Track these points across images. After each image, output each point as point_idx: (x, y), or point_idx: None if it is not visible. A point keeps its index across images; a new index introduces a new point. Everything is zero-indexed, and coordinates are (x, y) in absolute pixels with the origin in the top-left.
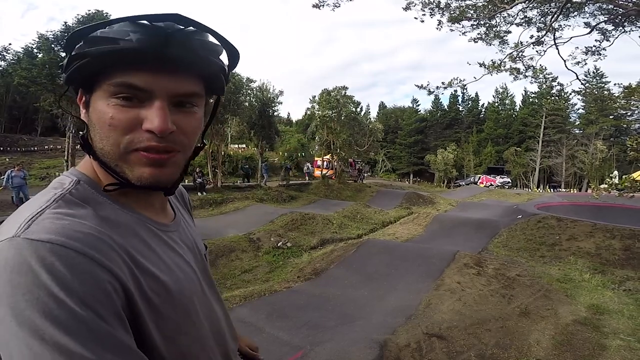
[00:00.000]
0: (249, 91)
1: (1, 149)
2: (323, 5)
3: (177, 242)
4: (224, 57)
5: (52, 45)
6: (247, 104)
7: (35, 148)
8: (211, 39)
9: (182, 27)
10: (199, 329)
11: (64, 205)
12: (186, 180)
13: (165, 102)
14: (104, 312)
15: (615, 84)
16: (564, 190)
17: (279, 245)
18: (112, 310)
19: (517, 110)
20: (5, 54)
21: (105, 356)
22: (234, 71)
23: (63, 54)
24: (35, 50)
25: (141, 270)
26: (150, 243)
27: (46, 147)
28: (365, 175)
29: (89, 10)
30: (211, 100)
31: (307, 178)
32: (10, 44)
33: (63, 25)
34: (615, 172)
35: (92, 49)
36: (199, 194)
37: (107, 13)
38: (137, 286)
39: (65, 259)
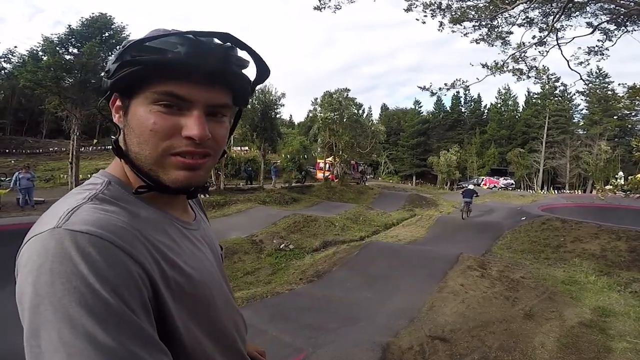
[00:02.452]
0: None
1: (7, 151)
2: (324, 8)
3: (198, 239)
4: (250, 71)
5: (57, 48)
6: (249, 106)
7: (41, 150)
8: (242, 54)
9: (221, 42)
10: (218, 321)
11: (98, 202)
12: None
13: (202, 111)
14: (133, 303)
15: (619, 84)
16: (568, 191)
17: (281, 247)
18: (140, 302)
19: (520, 111)
20: (10, 56)
21: (131, 347)
22: None
23: (110, 62)
24: (40, 53)
25: (168, 263)
26: (176, 238)
27: (51, 149)
28: (368, 177)
29: (93, 13)
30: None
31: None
32: (15, 47)
33: (67, 28)
34: (621, 173)
35: (144, 57)
36: (202, 196)
37: (110, 16)
38: (163, 278)
39: (101, 249)
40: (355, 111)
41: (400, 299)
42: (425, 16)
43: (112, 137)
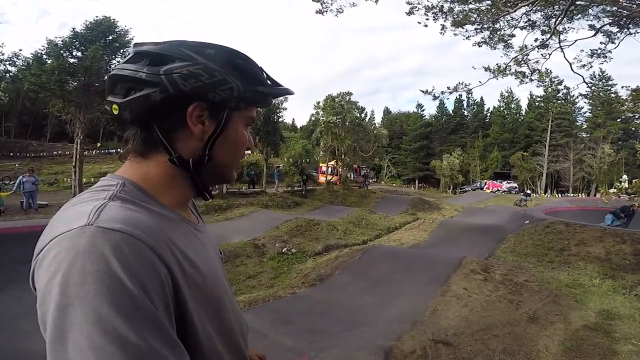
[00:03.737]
0: None
1: (11, 154)
2: (326, 11)
3: (206, 241)
4: None
5: (61, 52)
6: None
7: (44, 154)
8: None
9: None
10: (227, 322)
11: (119, 201)
12: None
13: None
14: (160, 304)
15: (622, 87)
16: (572, 195)
17: (283, 251)
18: (164, 302)
19: (523, 114)
20: (15, 59)
21: (160, 350)
22: None
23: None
24: (44, 57)
25: (187, 261)
26: (191, 239)
27: (55, 152)
28: (371, 181)
29: (97, 17)
30: None
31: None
32: (20, 50)
33: (71, 31)
34: (625, 176)
35: (272, 90)
36: (205, 199)
37: (114, 19)
38: (184, 278)
39: (134, 248)
40: (358, 115)
41: (403, 302)
42: (427, 19)
43: (164, 140)
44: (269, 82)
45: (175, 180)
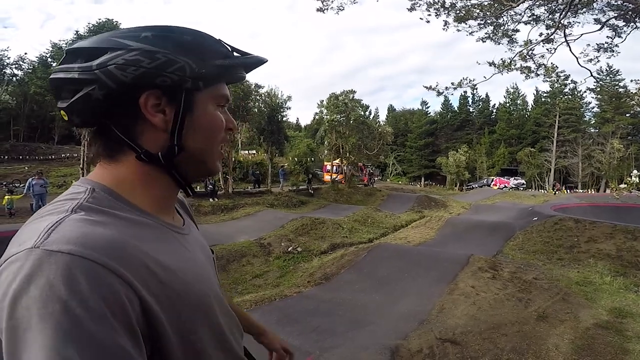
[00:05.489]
0: (258, 97)
1: (20, 157)
2: (327, 9)
3: (191, 244)
4: None
5: None
6: (256, 110)
7: (53, 156)
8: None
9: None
10: (217, 327)
11: (83, 212)
12: (197, 187)
13: None
14: (118, 326)
15: (631, 80)
16: (581, 191)
17: (289, 250)
18: (126, 324)
19: (530, 110)
20: (21, 63)
21: None
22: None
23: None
24: (49, 60)
25: (167, 273)
26: (169, 245)
27: (63, 155)
28: (376, 179)
29: (100, 19)
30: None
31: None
32: (25, 54)
33: (75, 34)
34: (635, 172)
35: (239, 60)
36: (211, 200)
37: (117, 22)
38: (159, 293)
39: (84, 271)
40: (362, 113)
41: (410, 301)
42: (429, 15)
43: (124, 138)
44: (232, 54)
45: (150, 179)
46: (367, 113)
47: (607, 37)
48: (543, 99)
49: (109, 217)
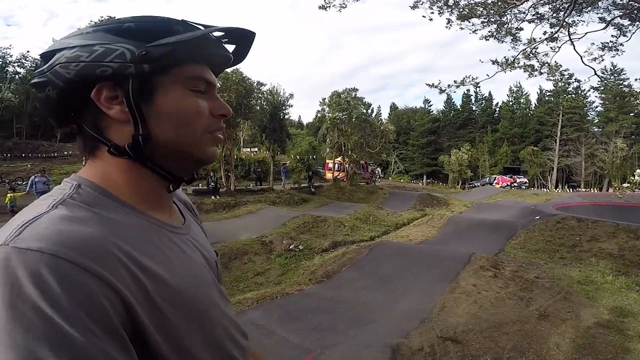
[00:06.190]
0: (260, 95)
1: (23, 155)
2: (329, 7)
3: (189, 244)
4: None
5: None
6: (258, 107)
7: (55, 154)
8: None
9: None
10: (211, 333)
11: (64, 209)
12: (200, 184)
13: None
14: (95, 328)
15: (636, 79)
16: (584, 190)
17: (291, 247)
18: (105, 326)
19: (533, 108)
20: (23, 61)
21: None
22: (245, 75)
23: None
24: None
25: (149, 276)
26: (161, 246)
27: (65, 152)
28: (380, 178)
29: (102, 17)
30: None
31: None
32: (28, 52)
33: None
34: (638, 171)
35: (188, 35)
36: (213, 197)
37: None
38: (142, 295)
39: (55, 270)
40: (364, 111)
41: (411, 299)
42: (432, 13)
43: (93, 133)
44: (184, 30)
45: (133, 174)
46: (369, 111)
47: (612, 35)
48: (546, 98)
49: (90, 214)
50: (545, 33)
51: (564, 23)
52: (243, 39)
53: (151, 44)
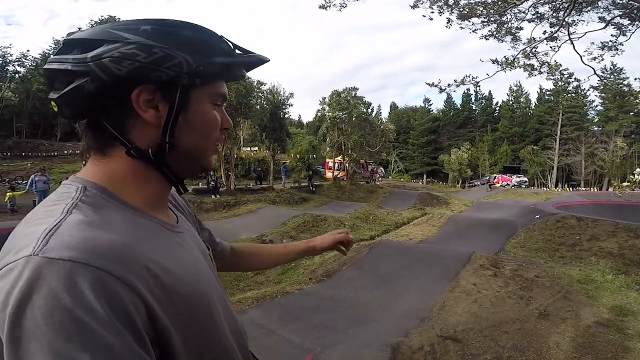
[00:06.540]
0: (260, 94)
1: (23, 154)
2: (329, 6)
3: (187, 242)
4: None
5: None
6: (258, 106)
7: (55, 153)
8: None
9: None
10: (220, 331)
11: (79, 214)
12: (200, 183)
13: None
14: (125, 333)
15: (635, 79)
16: (584, 189)
17: None
18: (133, 330)
19: (533, 108)
20: (23, 60)
21: None
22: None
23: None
24: (51, 57)
25: (166, 276)
26: (167, 245)
27: (65, 152)
28: (381, 177)
29: (102, 16)
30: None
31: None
32: (28, 51)
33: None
34: (638, 170)
35: (241, 59)
36: (213, 196)
37: (119, 18)
38: (161, 296)
39: (87, 278)
40: (364, 110)
41: (411, 298)
42: (432, 12)
43: (114, 132)
44: (234, 52)
45: (142, 175)
46: (369, 110)
47: (611, 35)
48: (546, 97)
49: (105, 218)
50: (545, 32)
51: (564, 22)
52: (260, 64)
53: (208, 60)
